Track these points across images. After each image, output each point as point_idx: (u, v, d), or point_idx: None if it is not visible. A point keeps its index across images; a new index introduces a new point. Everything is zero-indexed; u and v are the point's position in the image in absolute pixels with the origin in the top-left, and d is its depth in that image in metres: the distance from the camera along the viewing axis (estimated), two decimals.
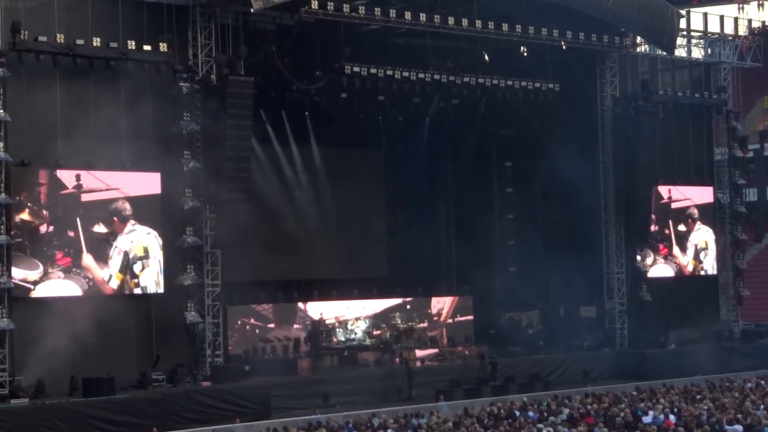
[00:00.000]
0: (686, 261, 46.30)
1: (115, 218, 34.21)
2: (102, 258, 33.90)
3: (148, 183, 34.69)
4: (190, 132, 34.94)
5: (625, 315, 44.28)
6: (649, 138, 43.83)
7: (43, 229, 33.05)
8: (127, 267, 34.25)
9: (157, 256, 34.77)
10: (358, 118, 44.30)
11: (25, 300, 32.57)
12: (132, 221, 34.40)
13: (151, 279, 34.68)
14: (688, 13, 47.05)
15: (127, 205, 34.31)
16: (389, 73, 39.50)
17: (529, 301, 46.57)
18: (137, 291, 34.44)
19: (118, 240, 34.17)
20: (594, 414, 27.03)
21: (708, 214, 46.95)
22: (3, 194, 31.79)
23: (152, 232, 34.74)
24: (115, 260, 34.11)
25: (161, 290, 34.84)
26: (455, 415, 28.59)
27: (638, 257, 44.71)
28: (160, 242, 34.79)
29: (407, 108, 44.17)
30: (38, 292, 32.86)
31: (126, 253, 34.22)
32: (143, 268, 34.53)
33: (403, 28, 38.61)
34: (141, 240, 34.52)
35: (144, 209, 34.64)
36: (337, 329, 41.81)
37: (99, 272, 33.82)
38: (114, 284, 34.10)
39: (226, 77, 34.99)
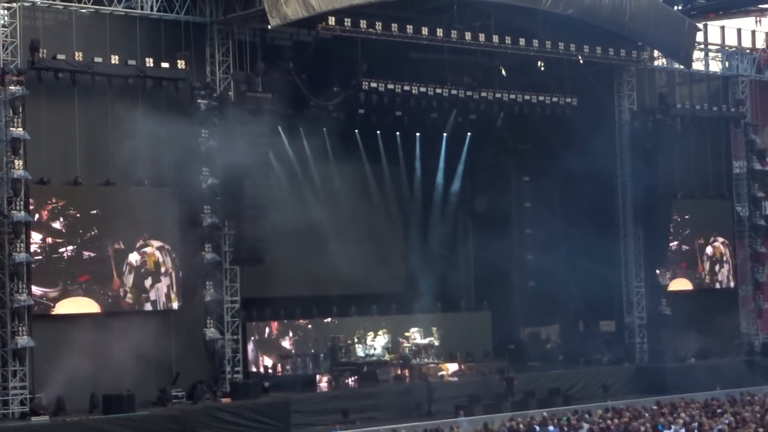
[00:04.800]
0: (704, 274, 46.21)
1: (129, 234, 34.23)
2: (118, 274, 33.96)
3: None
4: (209, 149, 35.04)
5: (644, 329, 44.16)
6: (667, 152, 43.80)
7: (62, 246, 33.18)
8: (139, 282, 34.25)
9: (168, 272, 34.77)
10: (376, 133, 44.39)
11: (45, 317, 32.64)
12: (145, 236, 34.45)
13: (162, 294, 34.67)
14: (705, 26, 47.00)
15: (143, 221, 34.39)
16: (406, 88, 39.62)
17: (549, 315, 46.43)
18: (148, 306, 34.38)
19: (130, 256, 34.20)
20: (614, 429, 26.94)
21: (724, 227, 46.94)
22: (23, 212, 31.84)
23: (165, 246, 34.73)
24: (128, 276, 34.12)
25: (174, 306, 34.86)
26: (475, 430, 28.56)
27: (657, 271, 44.60)
28: (172, 257, 34.82)
29: (425, 123, 44.13)
30: (58, 310, 32.93)
31: (137, 269, 34.22)
32: (153, 283, 34.49)
33: (421, 44, 38.68)
34: (153, 255, 34.54)
35: (161, 225, 34.72)
36: (357, 345, 41.75)
37: (117, 288, 33.90)
38: (129, 300, 34.10)
39: (243, 94, 35.15)
